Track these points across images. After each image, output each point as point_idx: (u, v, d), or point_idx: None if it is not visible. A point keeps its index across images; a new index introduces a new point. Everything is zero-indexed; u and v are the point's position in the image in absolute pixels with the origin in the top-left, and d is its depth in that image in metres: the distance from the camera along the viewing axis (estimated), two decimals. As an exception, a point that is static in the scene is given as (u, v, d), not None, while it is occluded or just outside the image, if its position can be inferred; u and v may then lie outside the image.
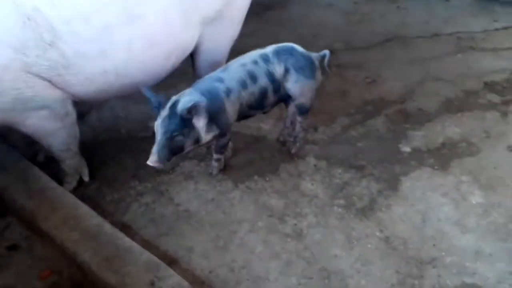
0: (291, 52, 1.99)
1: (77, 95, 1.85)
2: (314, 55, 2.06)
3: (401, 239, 1.87)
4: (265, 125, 2.54)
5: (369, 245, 1.85)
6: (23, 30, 1.55)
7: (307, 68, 2.00)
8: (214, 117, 1.83)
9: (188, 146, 1.81)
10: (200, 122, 1.78)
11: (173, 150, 1.77)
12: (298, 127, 2.23)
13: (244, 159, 2.30)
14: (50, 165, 2.15)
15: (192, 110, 1.70)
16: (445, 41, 3.34)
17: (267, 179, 2.18)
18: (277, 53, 1.97)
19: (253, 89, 1.93)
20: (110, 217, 1.89)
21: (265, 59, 1.95)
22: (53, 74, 1.70)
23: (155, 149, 1.73)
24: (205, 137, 1.84)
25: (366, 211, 2.00)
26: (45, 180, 1.90)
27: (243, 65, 1.93)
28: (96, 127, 2.51)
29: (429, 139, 2.41)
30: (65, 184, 2.05)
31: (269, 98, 2.00)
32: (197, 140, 1.83)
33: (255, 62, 1.94)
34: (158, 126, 1.74)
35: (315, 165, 2.24)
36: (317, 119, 2.55)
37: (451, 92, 2.77)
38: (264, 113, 2.14)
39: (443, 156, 2.29)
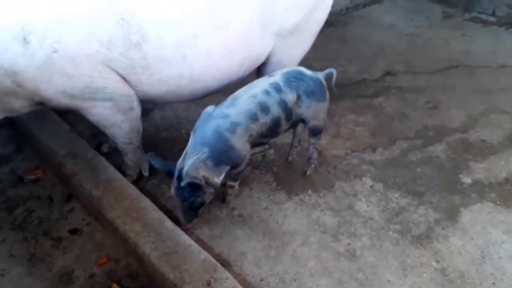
0: (300, 77, 1.93)
1: (146, 94, 1.91)
2: (322, 75, 2.02)
3: (459, 272, 1.80)
4: (321, 140, 2.52)
5: (424, 275, 1.80)
6: (114, 28, 1.64)
7: (318, 91, 1.96)
8: (223, 158, 1.78)
9: (208, 198, 1.82)
10: (204, 185, 1.74)
11: (197, 209, 1.81)
12: (311, 148, 2.20)
13: (298, 172, 2.30)
14: (113, 156, 2.24)
15: (191, 184, 1.69)
16: (512, 74, 3.22)
17: (321, 194, 2.17)
18: (287, 80, 1.91)
19: (265, 120, 1.85)
20: (168, 213, 1.94)
21: (277, 88, 1.88)
22: (129, 72, 1.77)
23: (180, 214, 1.79)
24: (219, 180, 1.81)
25: (423, 239, 1.95)
26: (112, 170, 1.99)
27: (254, 96, 1.85)
28: (159, 125, 2.60)
29: (491, 172, 2.32)
30: (126, 176, 2.12)
31: (282, 126, 1.95)
32: (214, 189, 1.82)
33: (267, 93, 1.86)
34: (174, 196, 1.76)
35: (371, 187, 2.21)
36: (375, 139, 2.52)
37: (516, 126, 2.66)
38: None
39: (506, 192, 2.20)
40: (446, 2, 4.39)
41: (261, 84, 1.90)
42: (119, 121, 1.94)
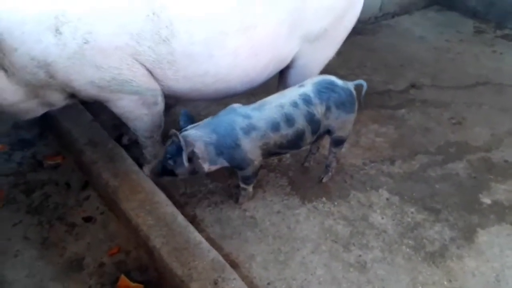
0: (332, 88, 1.89)
1: (171, 90, 1.93)
2: (352, 85, 1.98)
3: (471, 294, 1.76)
4: (340, 148, 2.50)
5: (435, 293, 1.76)
6: (144, 21, 1.65)
7: (348, 102, 1.92)
8: (225, 152, 1.78)
9: (181, 172, 1.78)
10: (183, 160, 1.70)
11: (166, 170, 1.79)
12: (331, 157, 2.17)
13: (314, 179, 2.28)
14: (132, 149, 2.27)
15: (173, 140, 1.69)
16: (543, 95, 3.13)
17: (336, 203, 2.15)
18: (319, 92, 1.86)
19: (287, 132, 1.83)
20: (181, 209, 1.95)
21: (307, 100, 1.84)
22: (156, 67, 1.78)
23: (156, 161, 1.78)
24: (209, 168, 1.81)
25: (436, 257, 1.91)
26: (130, 162, 2.01)
27: (281, 106, 1.82)
28: (179, 121, 2.61)
29: (513, 194, 2.26)
30: (143, 168, 2.15)
31: (306, 139, 1.91)
32: (194, 171, 1.80)
33: (294, 105, 1.83)
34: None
35: (387, 199, 2.18)
36: (395, 152, 2.48)
37: (542, 149, 2.58)
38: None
39: (527, 216, 2.13)
40: (479, 17, 4.30)
41: (291, 94, 1.87)
42: (143, 115, 1.96)
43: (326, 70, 2.43)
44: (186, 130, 1.79)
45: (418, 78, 3.23)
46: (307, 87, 1.89)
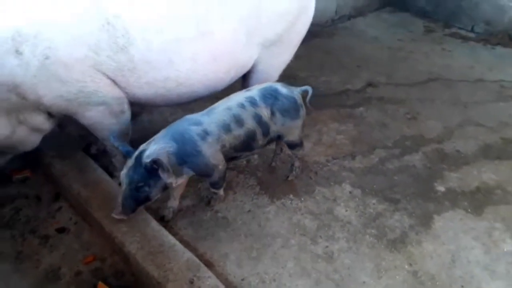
0: (275, 95, 1.97)
1: (135, 97, 1.97)
2: (297, 92, 2.07)
3: (430, 275, 1.90)
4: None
5: (397, 277, 1.90)
6: (100, 32, 1.70)
7: (292, 109, 2.01)
8: (187, 160, 1.79)
9: (155, 195, 1.78)
10: (165, 173, 1.71)
11: (139, 201, 1.75)
12: (293, 157, 2.30)
13: (281, 177, 2.39)
14: (101, 158, 2.29)
15: (156, 162, 1.66)
16: (488, 88, 3.38)
17: (302, 199, 2.26)
18: (263, 96, 1.95)
19: (239, 132, 1.89)
20: (154, 214, 2.00)
21: (253, 102, 1.93)
22: (118, 75, 1.83)
23: (119, 200, 1.72)
24: (176, 181, 1.80)
25: (397, 243, 2.05)
26: (100, 172, 2.04)
27: (229, 108, 1.89)
28: (146, 128, 2.66)
29: (464, 181, 2.44)
30: (114, 178, 2.18)
31: (258, 141, 1.98)
32: (165, 187, 1.79)
33: (241, 106, 1.90)
34: (124, 176, 1.71)
35: (350, 192, 2.31)
36: (355, 147, 2.63)
37: (490, 139, 2.80)
38: (253, 154, 2.15)
39: (477, 200, 2.32)
40: (428, 17, 4.57)
41: (237, 98, 1.95)
42: (111, 124, 1.99)
43: (288, 73, 2.55)
44: (143, 150, 1.73)
45: (374, 77, 3.41)
46: (253, 92, 1.98)
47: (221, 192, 2.13)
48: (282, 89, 2.01)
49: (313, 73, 3.40)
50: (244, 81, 2.38)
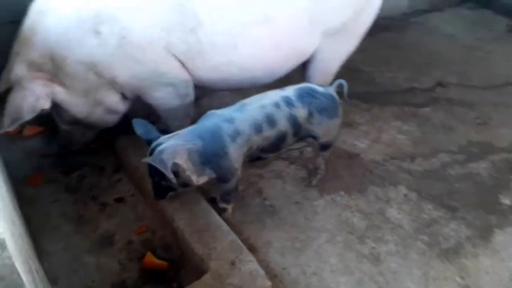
0: (312, 94, 1.88)
1: (200, 80, 2.05)
2: (332, 89, 1.97)
3: (483, 292, 1.79)
4: (361, 143, 2.56)
5: (446, 288, 1.81)
6: (172, 14, 1.79)
7: (330, 108, 1.92)
8: (212, 160, 1.69)
9: (176, 188, 1.71)
10: (169, 173, 1.58)
11: (166, 190, 1.73)
12: (319, 159, 2.18)
13: (333, 172, 2.34)
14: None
15: (158, 162, 1.56)
16: None
17: (353, 197, 2.21)
18: (300, 96, 1.86)
19: (270, 133, 1.79)
20: (204, 194, 2.06)
21: (288, 102, 1.83)
22: (186, 57, 1.91)
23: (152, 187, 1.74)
24: (198, 180, 1.70)
25: (450, 254, 1.94)
26: (158, 149, 2.13)
27: (263, 107, 1.78)
28: (205, 112, 2.73)
29: (534, 197, 2.25)
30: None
31: (287, 142, 1.89)
32: (185, 184, 1.71)
33: (276, 105, 1.80)
34: (147, 166, 1.66)
35: (405, 195, 2.22)
36: (416, 149, 2.52)
37: None
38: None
39: (547, 218, 2.13)
40: (513, 15, 4.21)
41: (272, 96, 1.84)
42: (176, 106, 2.09)
43: (351, 66, 2.48)
44: (160, 143, 1.63)
45: (445, 77, 3.22)
46: (289, 91, 1.88)
47: (229, 209, 1.96)
48: (318, 87, 1.93)
49: (379, 68, 3.27)
50: (303, 69, 2.36)
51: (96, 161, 2.28)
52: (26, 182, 2.14)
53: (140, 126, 1.73)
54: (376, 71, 3.23)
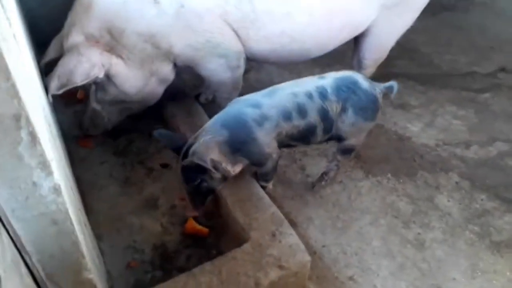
0: (353, 89, 1.70)
1: (251, 51, 2.03)
2: (379, 89, 1.77)
3: (535, 289, 1.68)
4: (413, 126, 2.45)
5: (494, 282, 1.71)
6: None
7: (369, 109, 1.74)
8: (241, 148, 1.62)
9: (217, 185, 1.66)
10: (213, 169, 1.56)
11: (204, 195, 1.66)
12: (333, 164, 1.99)
13: (382, 154, 2.27)
14: (208, 107, 2.41)
15: (198, 164, 1.52)
16: None
17: (401, 180, 2.13)
18: (337, 88, 1.69)
19: (299, 123, 1.67)
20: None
21: (322, 94, 1.68)
22: (241, 26, 1.89)
23: (188, 198, 1.66)
24: (234, 170, 1.65)
25: (502, 247, 1.84)
26: (206, 118, 2.14)
27: (295, 95, 1.66)
28: (253, 87, 2.67)
29: None
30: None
31: (317, 136, 1.74)
32: (225, 177, 1.65)
33: (309, 95, 1.67)
34: (180, 175, 1.61)
35: (457, 183, 2.11)
36: (472, 136, 2.37)
37: None
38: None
39: None
40: None
41: (306, 84, 1.72)
42: (226, 78, 2.08)
43: (409, 47, 2.36)
44: (191, 144, 1.59)
45: (509, 62, 2.98)
46: (327, 80, 1.72)
47: (270, 185, 1.92)
48: (363, 82, 1.74)
49: (438, 50, 3.09)
50: (356, 45, 2.27)
51: (144, 126, 2.33)
52: (77, 143, 2.22)
53: (163, 137, 1.70)
54: (435, 52, 3.05)
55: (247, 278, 1.46)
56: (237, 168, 1.67)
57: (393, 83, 1.82)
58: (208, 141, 1.56)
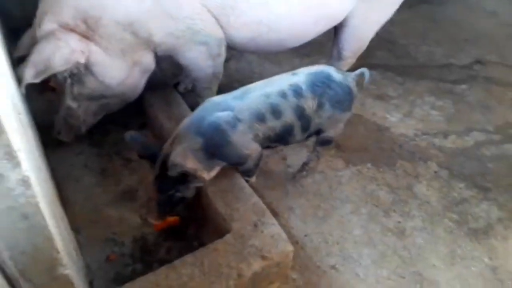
0: (327, 83, 1.67)
1: (232, 39, 1.99)
2: (351, 78, 1.76)
3: (511, 274, 1.72)
4: (391, 117, 2.47)
5: (472, 268, 1.75)
6: None
7: (345, 100, 1.73)
8: (216, 152, 1.58)
9: (190, 194, 1.63)
10: (195, 177, 1.54)
11: (175, 204, 1.62)
12: (313, 154, 1.98)
13: (361, 144, 2.28)
14: (187, 97, 2.36)
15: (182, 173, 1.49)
16: None
17: (381, 170, 2.14)
18: (312, 84, 1.66)
19: (274, 124, 1.62)
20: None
21: (297, 91, 1.64)
22: (221, 13, 1.85)
23: (155, 205, 1.60)
24: (209, 175, 1.62)
25: (479, 234, 1.87)
26: (184, 108, 2.10)
27: (266, 96, 1.61)
28: (232, 76, 2.67)
29: None
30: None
31: (295, 136, 1.71)
32: (199, 184, 1.63)
33: (282, 95, 1.62)
34: (153, 183, 1.57)
35: (435, 172, 2.14)
36: (449, 126, 2.41)
37: None
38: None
39: None
40: None
41: (279, 83, 1.67)
42: (207, 66, 2.03)
43: (387, 38, 2.37)
44: (166, 155, 1.53)
45: (484, 55, 3.05)
46: (300, 77, 1.68)
47: (253, 179, 1.86)
48: (336, 75, 1.71)
49: (415, 42, 3.13)
50: (336, 36, 2.26)
51: (120, 117, 2.25)
52: (51, 134, 2.12)
53: (135, 142, 1.61)
54: (412, 44, 3.09)
55: (229, 269, 1.43)
56: (213, 173, 1.64)
57: (364, 70, 1.80)
58: (184, 149, 1.51)
